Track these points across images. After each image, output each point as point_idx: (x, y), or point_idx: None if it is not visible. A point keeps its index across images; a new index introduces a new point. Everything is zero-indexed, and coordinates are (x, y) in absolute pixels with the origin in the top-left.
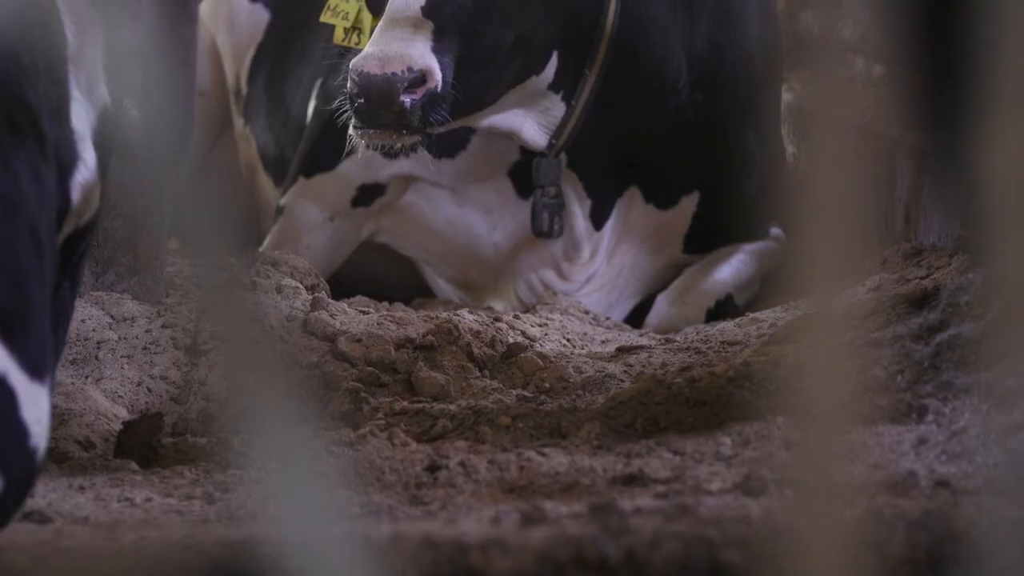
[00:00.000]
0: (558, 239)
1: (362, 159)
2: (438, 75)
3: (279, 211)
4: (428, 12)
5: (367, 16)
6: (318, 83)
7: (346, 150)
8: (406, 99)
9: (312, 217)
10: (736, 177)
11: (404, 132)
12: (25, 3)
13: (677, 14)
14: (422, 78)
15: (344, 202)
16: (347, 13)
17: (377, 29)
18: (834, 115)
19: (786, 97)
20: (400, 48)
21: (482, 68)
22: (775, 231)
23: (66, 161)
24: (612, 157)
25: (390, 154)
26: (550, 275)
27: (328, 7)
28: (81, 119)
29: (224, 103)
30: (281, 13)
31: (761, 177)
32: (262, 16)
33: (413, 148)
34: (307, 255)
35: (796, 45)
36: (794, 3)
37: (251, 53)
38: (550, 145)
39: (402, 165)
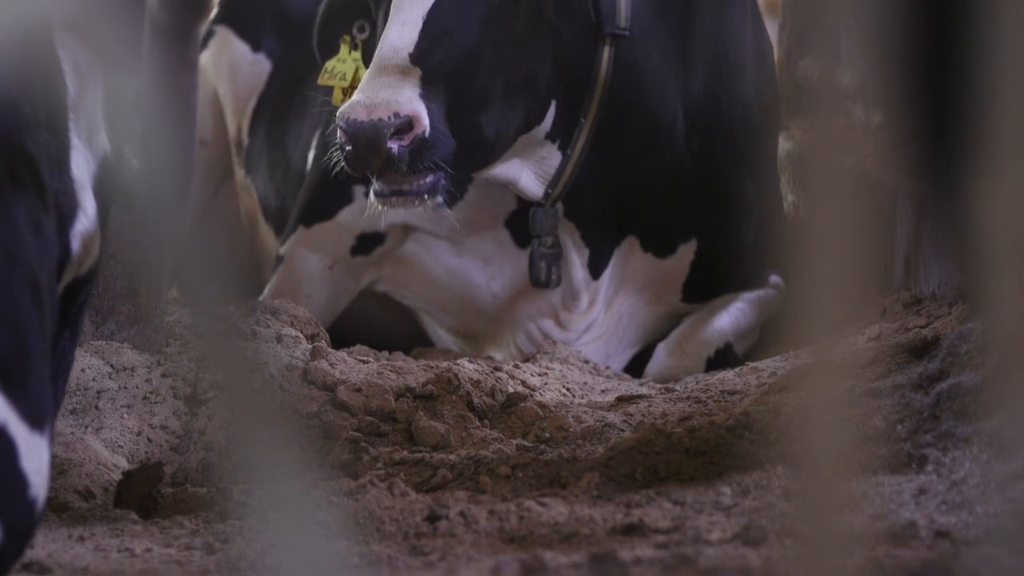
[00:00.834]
0: (556, 288)
1: (361, 208)
2: (425, 121)
3: (279, 260)
4: (416, 59)
5: (364, 74)
6: (317, 133)
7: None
8: (393, 145)
9: (311, 266)
10: (734, 225)
11: (425, 197)
12: (26, 52)
13: (672, 62)
14: (409, 124)
15: (343, 251)
16: (344, 74)
17: (365, 76)
18: (833, 163)
19: (785, 145)
20: (387, 94)
21: (477, 116)
22: (774, 279)
23: (66, 210)
24: (609, 206)
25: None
26: (549, 324)
27: (325, 70)
28: (81, 168)
29: (225, 153)
30: (283, 64)
31: (759, 225)
32: (264, 67)
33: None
34: (307, 304)
35: (795, 92)
36: (793, 51)
37: (252, 104)
38: (546, 195)
39: (401, 214)
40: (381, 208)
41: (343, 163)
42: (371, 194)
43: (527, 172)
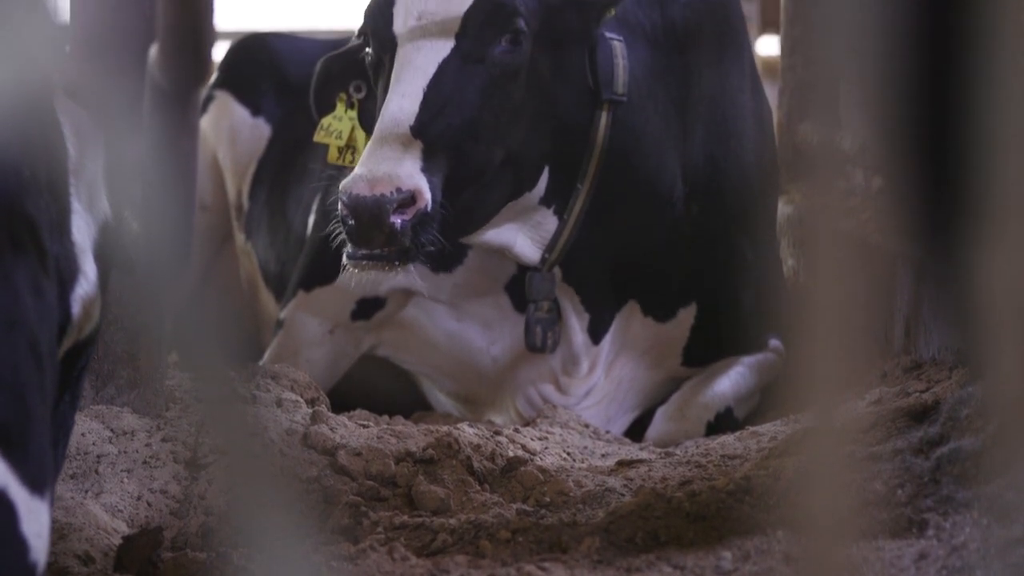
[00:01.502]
0: (557, 353)
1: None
2: (427, 195)
3: (279, 324)
4: (417, 131)
5: (360, 134)
6: (317, 198)
7: (340, 271)
8: (396, 220)
9: (312, 330)
10: (734, 289)
11: (396, 262)
12: (26, 116)
13: (671, 126)
14: (412, 198)
15: (344, 315)
16: (340, 132)
17: (367, 148)
18: (833, 227)
19: (785, 209)
20: (389, 168)
21: (473, 186)
22: (774, 343)
23: (67, 275)
24: (609, 270)
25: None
26: (549, 389)
27: (321, 127)
28: (82, 232)
29: (225, 217)
30: (282, 128)
31: (759, 289)
32: (264, 131)
33: (416, 260)
34: (307, 368)
35: (795, 156)
36: (793, 115)
37: (252, 168)
38: (543, 259)
39: (401, 279)
40: (355, 271)
41: (344, 237)
42: (344, 257)
43: (522, 237)
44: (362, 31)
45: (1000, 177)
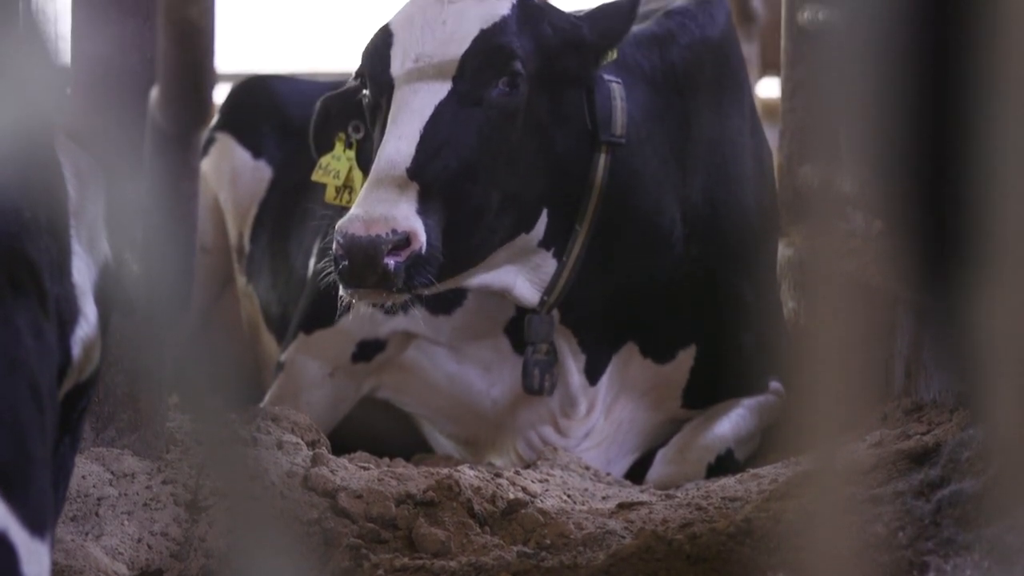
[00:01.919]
0: (555, 395)
1: (362, 315)
2: (422, 237)
3: (279, 367)
4: (413, 173)
5: (358, 174)
6: (318, 240)
7: (339, 308)
8: (390, 261)
9: (312, 373)
10: (733, 330)
11: (393, 290)
12: (27, 157)
13: (670, 168)
14: (406, 240)
15: (344, 358)
16: (338, 172)
17: (363, 190)
18: (833, 269)
19: (786, 252)
20: (384, 210)
21: (470, 228)
22: (774, 385)
23: (67, 316)
24: (607, 312)
25: (391, 311)
26: (548, 431)
27: (320, 166)
28: (82, 274)
29: (226, 259)
30: (284, 171)
31: (759, 330)
32: (265, 173)
33: (404, 306)
34: (308, 411)
35: (796, 199)
36: (794, 157)
37: (254, 211)
38: (542, 302)
39: (401, 321)
40: (350, 299)
41: (336, 276)
42: (341, 288)
43: (521, 279)
44: (359, 73)
45: (999, 221)
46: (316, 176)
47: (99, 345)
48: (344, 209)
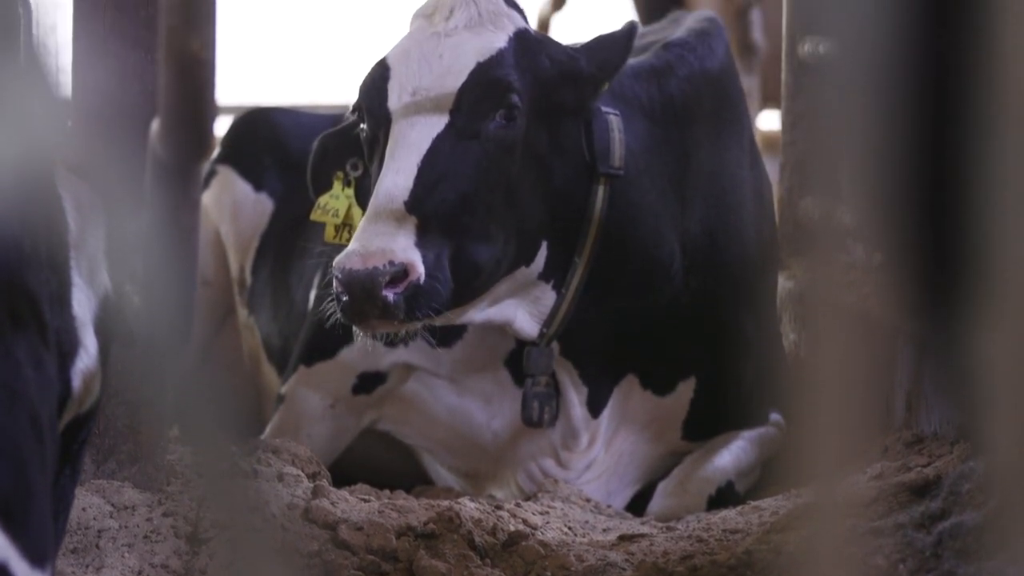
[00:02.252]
0: (556, 427)
1: (363, 347)
2: (420, 268)
3: (280, 399)
4: (411, 207)
5: (357, 212)
6: (319, 273)
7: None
8: (388, 293)
9: (313, 405)
10: (733, 362)
11: (402, 318)
12: (27, 190)
13: (669, 200)
14: (404, 272)
15: (345, 390)
16: (337, 210)
17: (361, 224)
18: (834, 301)
19: (787, 284)
20: (382, 243)
21: (469, 261)
22: (775, 417)
23: (67, 348)
24: (607, 344)
25: (392, 343)
26: (549, 463)
27: (318, 206)
28: (82, 306)
29: (227, 292)
30: (285, 204)
31: (759, 362)
32: (266, 206)
33: (411, 336)
34: (308, 443)
35: (796, 231)
36: (794, 190)
37: (255, 244)
38: (541, 334)
39: (402, 354)
40: (361, 335)
41: (338, 313)
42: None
43: (522, 312)
44: (356, 107)
45: (998, 252)
46: (315, 216)
47: (99, 377)
48: (344, 247)
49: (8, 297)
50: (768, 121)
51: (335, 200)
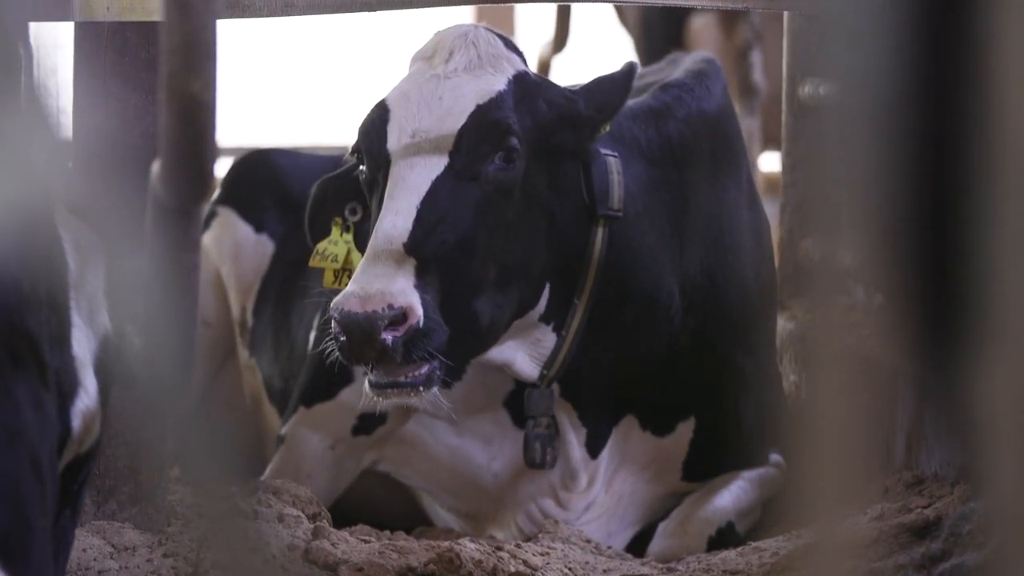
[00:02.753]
0: (556, 467)
1: (361, 388)
2: (419, 312)
3: (280, 440)
4: (410, 248)
5: (356, 257)
6: (318, 314)
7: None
8: (387, 336)
9: (313, 446)
10: (733, 403)
11: (420, 388)
12: (26, 230)
13: (668, 241)
14: (403, 315)
15: (345, 431)
16: (336, 256)
17: (360, 266)
18: (835, 343)
19: (787, 325)
20: (381, 285)
21: (471, 304)
22: (775, 457)
23: (67, 388)
24: (607, 385)
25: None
26: (549, 504)
27: (317, 252)
28: (82, 346)
29: (227, 333)
30: (286, 245)
31: (758, 403)
32: (267, 248)
33: (428, 389)
34: (308, 484)
35: (797, 273)
36: (795, 231)
37: (257, 286)
38: (541, 376)
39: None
40: (377, 399)
41: (338, 354)
42: (367, 385)
43: (522, 354)
44: (355, 148)
45: (999, 294)
46: (314, 262)
47: (99, 417)
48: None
49: (8, 337)
50: (769, 163)
51: (334, 246)
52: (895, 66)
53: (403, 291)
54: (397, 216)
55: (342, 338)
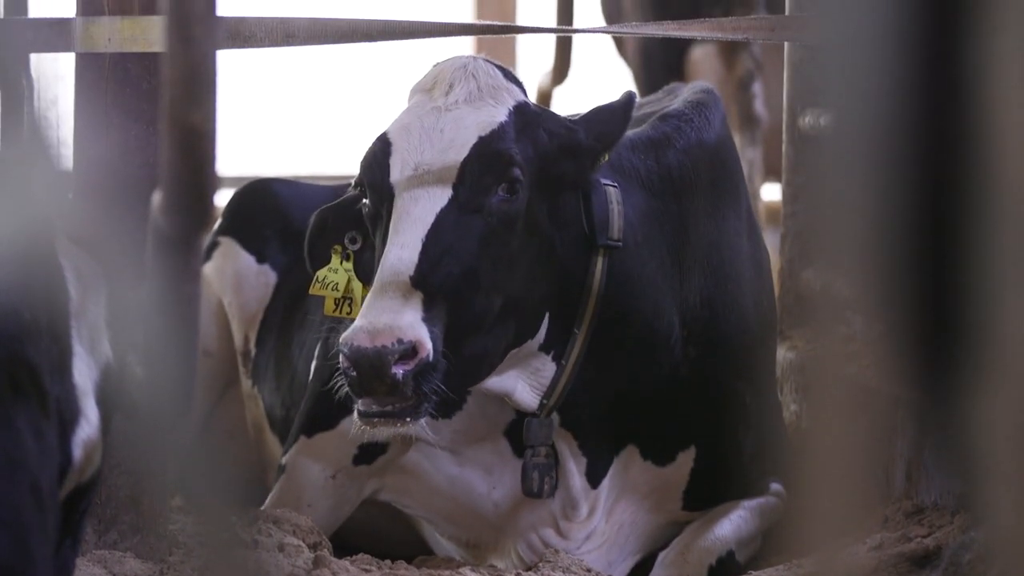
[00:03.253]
0: (556, 497)
1: (363, 431)
2: (428, 345)
3: (281, 469)
4: (417, 281)
5: (357, 285)
6: (319, 343)
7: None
8: (398, 370)
9: (314, 475)
10: (733, 432)
11: (407, 418)
12: (27, 259)
13: (667, 271)
14: (413, 349)
15: (346, 460)
16: (336, 284)
17: (367, 300)
18: (835, 372)
19: (788, 355)
20: (389, 319)
21: (475, 335)
22: (775, 486)
23: (68, 417)
24: (607, 415)
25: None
26: (549, 533)
27: (317, 280)
28: (83, 375)
29: (229, 363)
30: (288, 275)
31: (759, 432)
32: (270, 278)
33: (416, 420)
34: (309, 513)
35: (797, 303)
36: (795, 262)
37: (260, 315)
38: (541, 405)
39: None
40: (365, 428)
41: (347, 388)
42: (355, 414)
43: (522, 384)
44: (358, 182)
45: (996, 324)
46: (314, 290)
47: (100, 446)
48: (346, 321)
49: (8, 367)
50: (770, 193)
51: (334, 274)
52: (894, 97)
53: (412, 325)
54: (403, 249)
55: (352, 373)
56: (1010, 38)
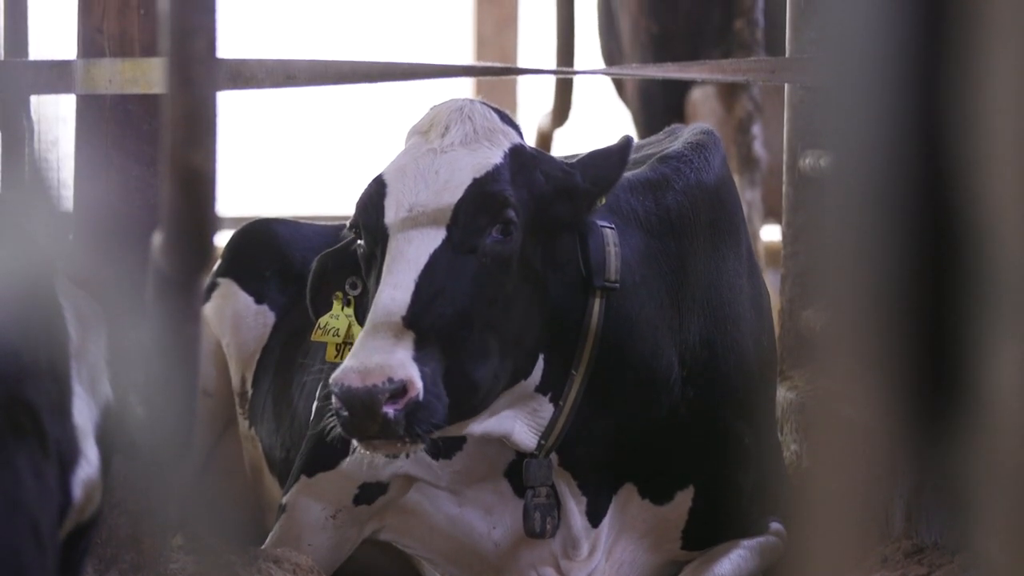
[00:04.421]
0: (557, 536)
1: (363, 458)
2: (419, 384)
3: (281, 509)
4: (409, 322)
5: (357, 330)
6: (320, 385)
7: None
8: (389, 410)
9: (314, 515)
10: (732, 472)
11: (405, 439)
12: (27, 300)
13: (666, 311)
14: (403, 389)
15: (346, 500)
16: (337, 330)
17: (358, 340)
18: (834, 412)
19: (788, 395)
20: (380, 359)
21: (468, 375)
22: (775, 526)
23: (68, 457)
24: (605, 454)
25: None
26: (550, 572)
27: (319, 326)
28: (83, 415)
29: (228, 403)
30: (286, 316)
31: (758, 472)
32: (268, 319)
33: (413, 451)
34: (310, 553)
35: (798, 344)
36: (795, 302)
37: (257, 356)
38: (539, 446)
39: (402, 465)
40: (365, 452)
41: (339, 428)
42: (354, 439)
43: (520, 424)
44: (353, 223)
45: (988, 372)
46: (316, 336)
47: (100, 486)
48: None
49: (8, 408)
50: (770, 234)
51: (335, 320)
52: (894, 138)
53: (402, 364)
54: (396, 289)
55: (344, 413)
56: (1001, 86)
